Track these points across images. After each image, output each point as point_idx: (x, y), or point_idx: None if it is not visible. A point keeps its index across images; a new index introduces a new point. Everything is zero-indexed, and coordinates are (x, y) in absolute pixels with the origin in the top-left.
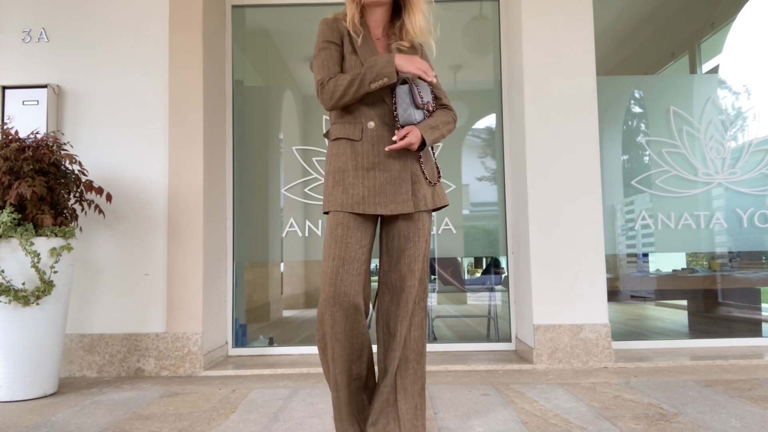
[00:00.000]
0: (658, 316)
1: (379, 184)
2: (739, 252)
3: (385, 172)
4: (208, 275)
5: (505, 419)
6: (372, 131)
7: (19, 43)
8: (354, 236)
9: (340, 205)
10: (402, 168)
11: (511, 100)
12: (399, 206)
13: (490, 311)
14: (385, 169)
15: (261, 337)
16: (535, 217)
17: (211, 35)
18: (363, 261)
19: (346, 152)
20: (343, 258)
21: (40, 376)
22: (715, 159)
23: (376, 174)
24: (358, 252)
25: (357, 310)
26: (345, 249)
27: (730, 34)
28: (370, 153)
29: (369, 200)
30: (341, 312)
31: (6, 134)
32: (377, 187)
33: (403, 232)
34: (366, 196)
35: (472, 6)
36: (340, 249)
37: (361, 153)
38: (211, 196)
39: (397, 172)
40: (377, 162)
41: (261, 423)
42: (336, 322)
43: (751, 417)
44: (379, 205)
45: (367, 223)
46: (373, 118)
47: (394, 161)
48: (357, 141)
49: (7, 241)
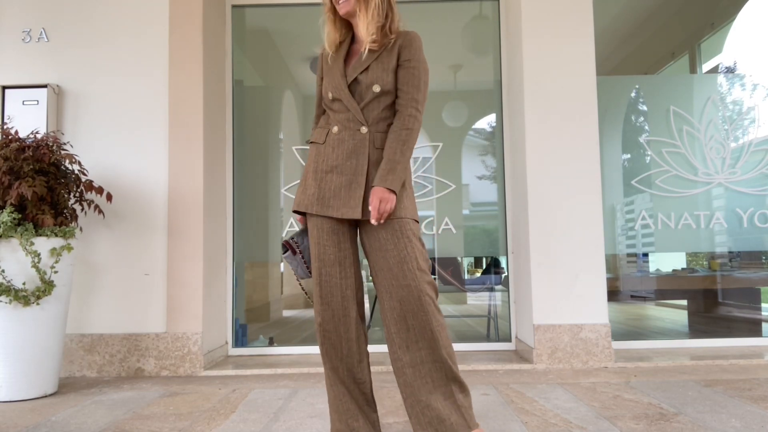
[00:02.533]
0: (658, 316)
1: (335, 187)
2: (739, 252)
3: (341, 175)
4: (208, 275)
5: (505, 419)
6: (334, 135)
7: (19, 43)
8: (330, 239)
9: (296, 204)
10: (358, 173)
11: (511, 100)
12: (349, 211)
13: (490, 311)
14: (342, 173)
15: (261, 337)
16: (535, 217)
17: (211, 35)
18: (348, 264)
19: (311, 155)
20: (322, 260)
21: (40, 376)
22: (715, 159)
23: (333, 177)
24: (339, 255)
25: (345, 311)
26: (323, 251)
27: (730, 34)
28: (330, 156)
29: (323, 202)
30: (329, 311)
31: (6, 134)
32: (333, 190)
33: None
34: (320, 198)
35: (472, 6)
36: (319, 251)
37: (323, 156)
38: (211, 196)
39: (353, 176)
40: (335, 165)
41: (261, 423)
42: (324, 321)
43: (751, 417)
44: (332, 207)
45: (342, 227)
46: (337, 123)
47: (351, 165)
48: (321, 144)
49: (7, 241)
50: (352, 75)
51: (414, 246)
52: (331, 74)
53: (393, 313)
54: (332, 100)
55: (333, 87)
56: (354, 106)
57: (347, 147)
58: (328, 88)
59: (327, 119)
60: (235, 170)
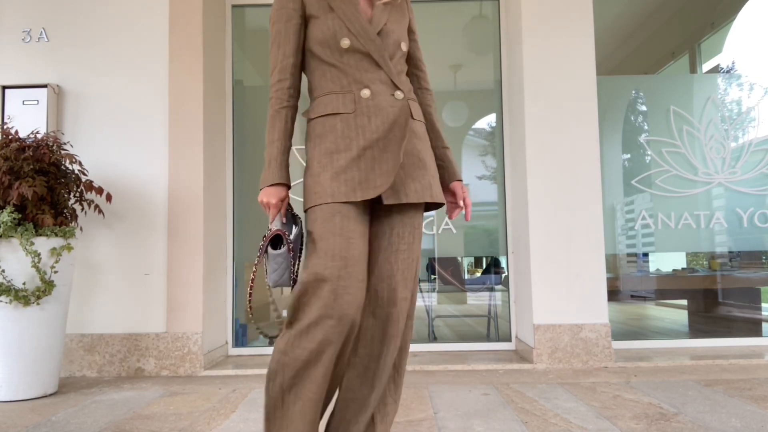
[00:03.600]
0: (658, 315)
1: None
2: (739, 252)
3: (385, 151)
4: (208, 275)
5: (505, 419)
6: (368, 101)
7: (19, 43)
8: (357, 229)
9: (331, 196)
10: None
11: (511, 100)
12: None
13: (490, 311)
14: (386, 148)
15: (261, 337)
16: (535, 216)
17: (211, 35)
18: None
19: (335, 130)
20: (345, 258)
21: (40, 376)
22: (715, 159)
23: (375, 153)
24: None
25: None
26: (347, 246)
27: (730, 34)
28: (368, 128)
29: (369, 184)
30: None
31: (6, 134)
32: (376, 169)
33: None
34: (363, 181)
35: (472, 6)
36: (341, 246)
37: (355, 128)
38: (211, 196)
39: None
40: (377, 138)
41: (261, 423)
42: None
43: (751, 417)
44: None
45: (365, 215)
46: (368, 84)
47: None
48: (350, 114)
49: (7, 240)
50: (379, 23)
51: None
52: (343, 14)
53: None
54: (347, 50)
55: (353, 33)
56: (387, 64)
57: (387, 116)
58: (340, 33)
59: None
60: (235, 170)
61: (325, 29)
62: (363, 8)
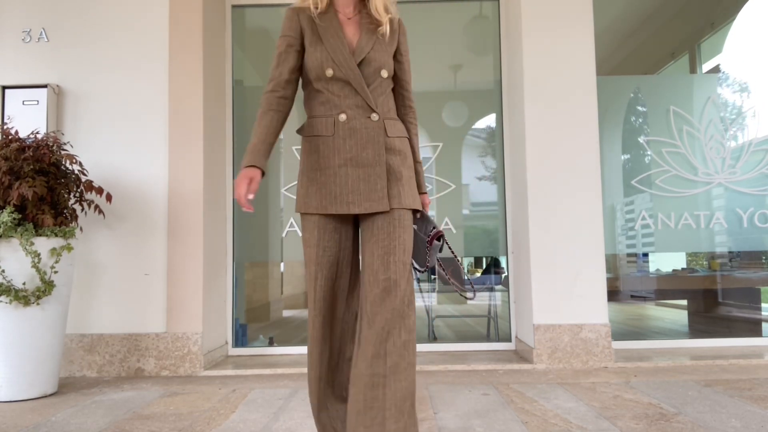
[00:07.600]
0: (658, 316)
1: (352, 182)
2: (739, 252)
3: (357, 167)
4: (208, 275)
5: (505, 419)
6: (344, 124)
7: (19, 43)
8: (332, 238)
9: (314, 207)
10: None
11: (511, 100)
12: (373, 204)
13: (490, 311)
14: (357, 165)
15: (261, 337)
16: (535, 216)
17: (211, 35)
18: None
19: (318, 150)
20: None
21: (40, 376)
22: (715, 159)
23: (349, 170)
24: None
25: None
26: (322, 254)
27: (730, 34)
28: (342, 148)
29: (342, 199)
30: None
31: (6, 134)
32: (350, 185)
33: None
34: (338, 195)
35: (472, 6)
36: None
37: (333, 148)
38: (211, 196)
39: (371, 168)
40: (349, 158)
41: (261, 423)
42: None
43: (751, 417)
44: (353, 203)
45: (345, 224)
46: (345, 110)
47: (367, 156)
48: (329, 137)
49: (7, 241)
50: (360, 53)
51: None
52: (330, 46)
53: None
54: (331, 78)
55: (336, 63)
56: (365, 90)
57: (361, 137)
58: (326, 64)
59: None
60: (235, 170)
61: (314, 59)
62: (350, 38)
